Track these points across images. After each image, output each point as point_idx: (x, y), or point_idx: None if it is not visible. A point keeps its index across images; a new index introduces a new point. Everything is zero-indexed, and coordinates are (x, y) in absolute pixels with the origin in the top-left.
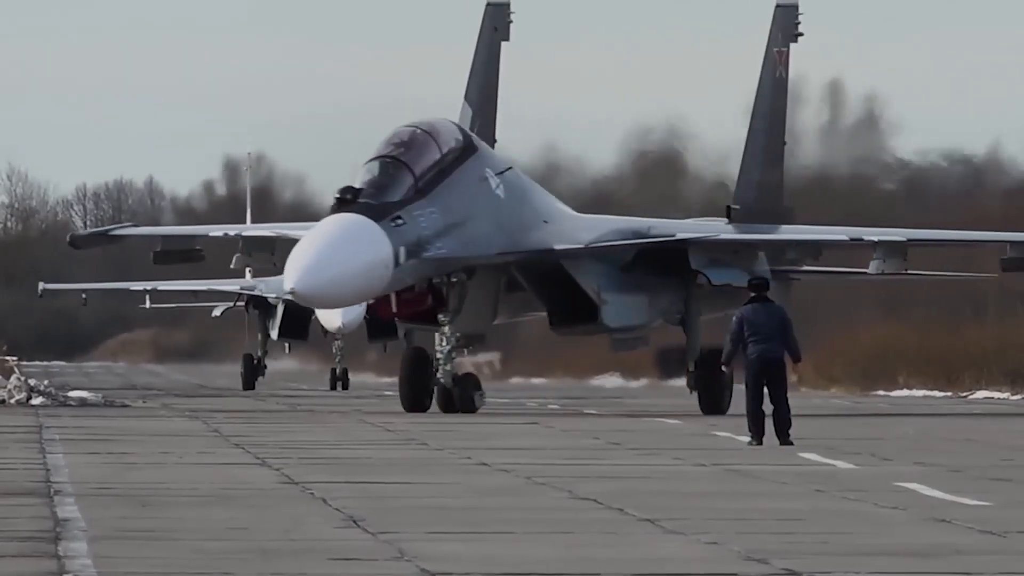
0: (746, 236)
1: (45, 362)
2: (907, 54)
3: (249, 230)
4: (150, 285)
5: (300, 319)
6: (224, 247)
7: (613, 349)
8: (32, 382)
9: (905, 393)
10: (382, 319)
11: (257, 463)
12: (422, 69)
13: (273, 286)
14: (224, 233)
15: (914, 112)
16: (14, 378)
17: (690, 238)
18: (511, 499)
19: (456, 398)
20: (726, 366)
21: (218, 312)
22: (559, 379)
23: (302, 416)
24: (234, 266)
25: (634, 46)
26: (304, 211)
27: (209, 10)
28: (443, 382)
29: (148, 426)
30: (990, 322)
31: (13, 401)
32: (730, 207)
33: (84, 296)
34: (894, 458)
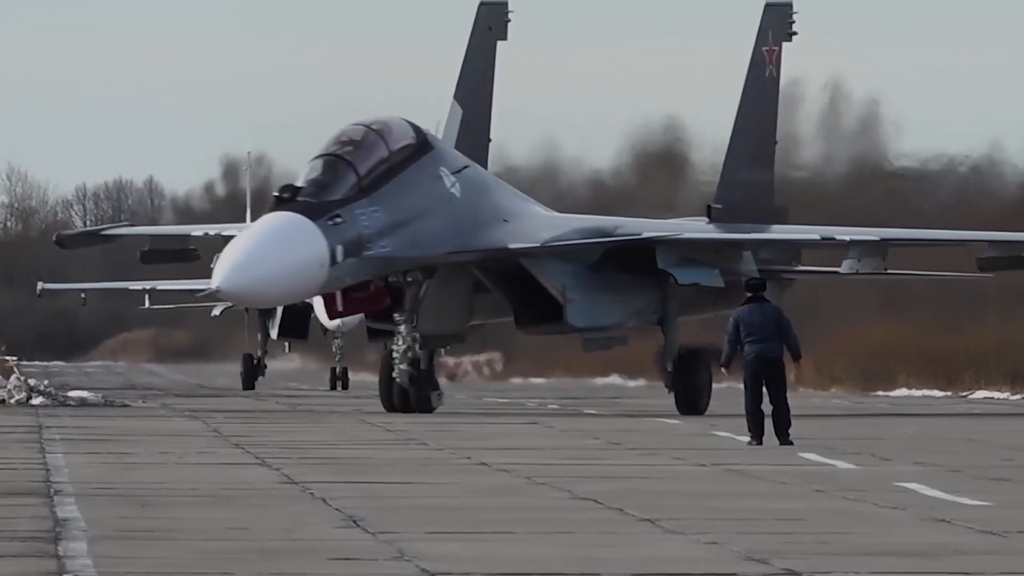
0: (711, 235)
1: (45, 362)
2: (907, 54)
3: (229, 229)
4: (149, 285)
5: (300, 318)
6: (222, 247)
7: (584, 349)
8: (32, 382)
9: (905, 393)
10: (330, 319)
11: (257, 463)
12: (421, 69)
13: None
14: (205, 233)
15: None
16: (14, 378)
17: (654, 237)
18: (511, 499)
19: (412, 398)
20: (726, 368)
21: (217, 312)
22: (559, 379)
23: (302, 416)
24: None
25: (634, 45)
26: None
27: (209, 10)
28: (399, 382)
29: (148, 426)
30: (990, 322)
31: (13, 401)
32: (710, 206)
33: (83, 296)
34: (894, 458)
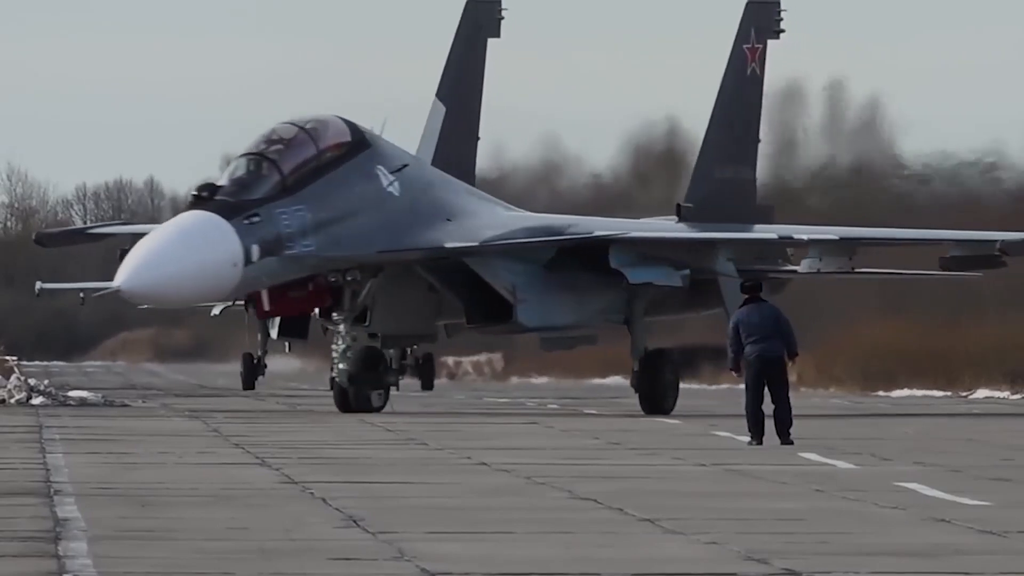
0: (659, 234)
1: (45, 362)
2: (909, 54)
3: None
4: None
5: (300, 318)
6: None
7: (542, 348)
8: (32, 382)
9: (905, 393)
10: (258, 318)
11: (257, 463)
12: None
13: None
14: None
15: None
16: (14, 378)
17: (603, 236)
18: (511, 499)
19: (352, 397)
20: (735, 371)
21: (217, 311)
22: (559, 379)
23: (302, 416)
24: None
25: (635, 45)
26: None
27: (209, 10)
28: (338, 381)
29: (148, 426)
30: (990, 322)
31: (13, 401)
32: (680, 205)
33: (82, 296)
34: (894, 458)
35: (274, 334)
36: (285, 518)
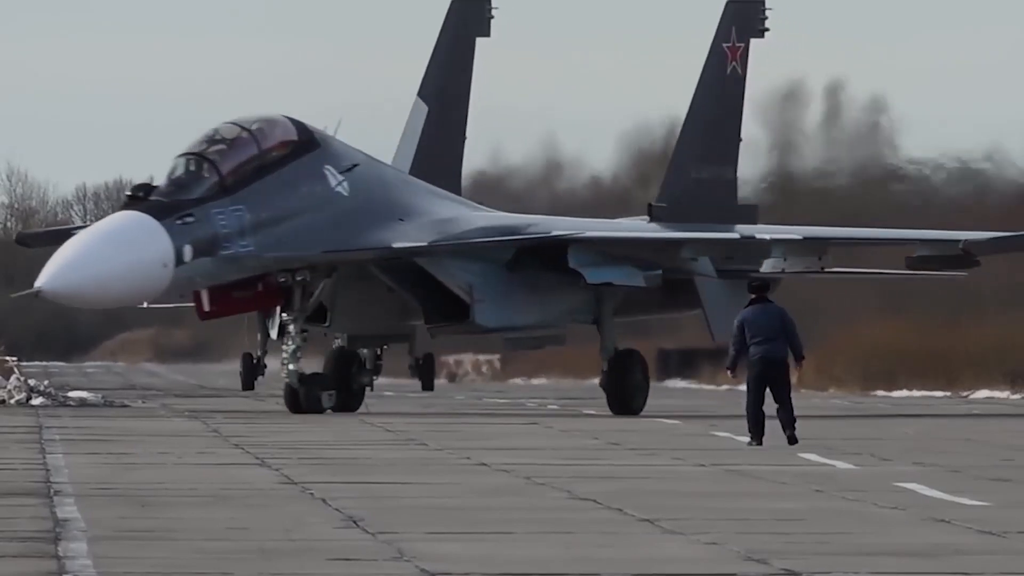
0: (617, 234)
1: (44, 362)
2: (909, 54)
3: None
4: None
5: None
6: None
7: (506, 348)
8: (32, 382)
9: (905, 393)
10: (200, 319)
11: (257, 463)
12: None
13: None
14: None
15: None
16: (14, 378)
17: (560, 236)
18: (511, 499)
19: (302, 398)
20: (731, 371)
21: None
22: (559, 379)
23: (302, 416)
24: None
25: (634, 45)
26: None
27: (209, 10)
28: (288, 382)
29: (148, 426)
30: (990, 322)
31: (13, 401)
32: (651, 204)
33: None
34: (894, 458)
35: (274, 334)
36: (285, 518)
